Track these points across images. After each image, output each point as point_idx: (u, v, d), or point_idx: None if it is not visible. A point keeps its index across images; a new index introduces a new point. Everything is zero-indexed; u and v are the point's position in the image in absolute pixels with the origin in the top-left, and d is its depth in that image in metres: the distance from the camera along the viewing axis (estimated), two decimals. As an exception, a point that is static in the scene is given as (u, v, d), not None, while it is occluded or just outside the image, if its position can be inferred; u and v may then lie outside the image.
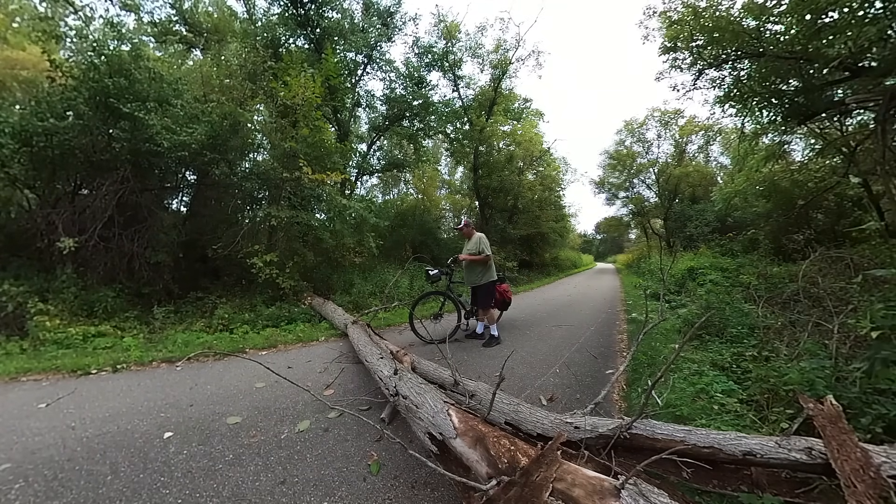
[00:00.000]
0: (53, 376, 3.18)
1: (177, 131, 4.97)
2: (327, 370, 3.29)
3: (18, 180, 4.56)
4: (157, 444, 2.13)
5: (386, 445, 2.07)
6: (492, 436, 1.49)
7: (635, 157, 19.72)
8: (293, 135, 6.23)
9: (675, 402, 2.25)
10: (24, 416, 2.48)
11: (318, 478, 1.83)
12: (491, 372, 3.20)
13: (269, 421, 2.38)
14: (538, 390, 2.85)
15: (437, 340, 3.62)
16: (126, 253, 4.98)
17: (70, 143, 4.68)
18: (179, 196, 6.84)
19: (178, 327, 4.60)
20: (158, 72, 5.39)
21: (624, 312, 6.45)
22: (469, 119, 13.04)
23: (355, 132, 11.27)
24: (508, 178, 13.52)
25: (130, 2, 8.31)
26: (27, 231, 4.68)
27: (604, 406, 2.36)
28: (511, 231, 13.86)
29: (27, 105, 4.84)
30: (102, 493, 1.72)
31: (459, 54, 12.38)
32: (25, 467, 1.94)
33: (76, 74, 4.88)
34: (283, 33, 8.41)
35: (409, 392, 2.04)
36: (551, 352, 3.88)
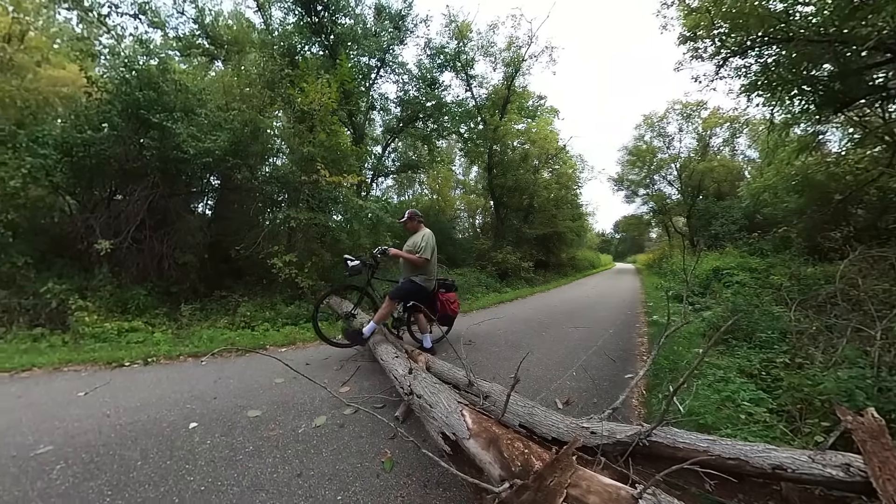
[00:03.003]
0: (91, 367, 3.41)
1: (201, 139, 5.22)
2: (343, 368, 3.35)
3: (61, 188, 4.94)
4: (183, 433, 2.24)
5: (400, 443, 2.09)
6: (505, 438, 1.48)
7: (655, 153, 19.10)
8: (311, 139, 6.42)
9: (698, 410, 2.16)
10: (65, 404, 2.67)
11: (333, 472, 1.87)
12: (506, 373, 3.16)
13: (287, 415, 2.46)
14: (554, 393, 2.80)
15: (349, 343, 3.47)
16: (156, 254, 5.30)
17: (105, 152, 5.03)
18: (205, 200, 7.19)
19: (203, 324, 4.84)
20: (184, 83, 5.69)
21: (644, 314, 6.25)
22: (483, 118, 13.00)
23: (370, 135, 11.49)
24: (523, 177, 13.38)
25: (157, 19, 8.83)
26: (69, 234, 5.07)
27: (622, 411, 2.29)
28: (527, 231, 13.73)
29: (68, 119, 5.25)
30: (133, 477, 1.84)
31: (471, 54, 12.36)
32: (66, 450, 2.10)
33: (110, 89, 5.23)
34: (299, 41, 8.67)
35: (423, 391, 2.05)
36: (568, 354, 3.79)
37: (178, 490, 1.74)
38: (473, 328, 5.00)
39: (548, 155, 14.48)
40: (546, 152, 14.30)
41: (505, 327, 5.20)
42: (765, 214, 11.06)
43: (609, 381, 3.06)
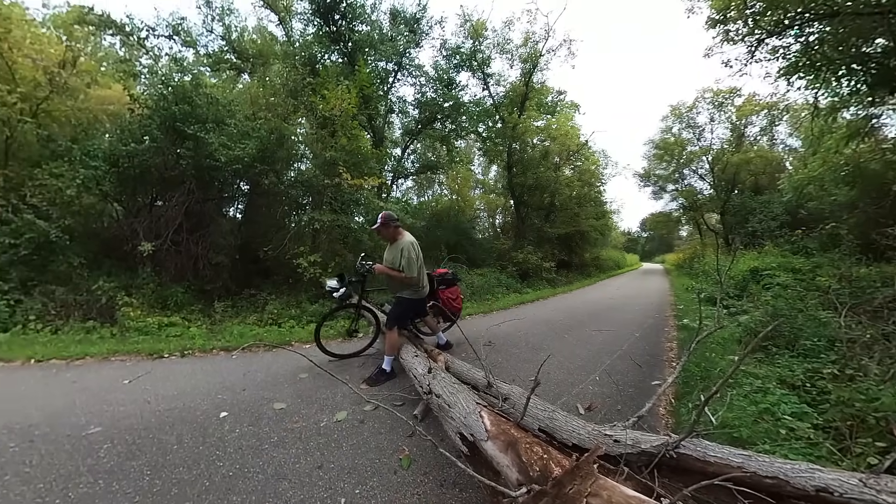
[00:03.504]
0: (135, 358, 3.70)
1: (232, 147, 5.55)
2: (365, 365, 3.40)
3: (109, 195, 5.42)
4: (215, 422, 2.39)
5: (417, 442, 2.11)
6: (524, 441, 1.45)
7: (685, 146, 18.03)
8: (332, 144, 6.65)
9: (732, 422, 2.04)
10: (112, 390, 2.93)
11: (353, 466, 1.92)
12: (526, 376, 3.12)
13: (310, 409, 2.56)
14: (575, 398, 2.72)
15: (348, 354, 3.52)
16: (192, 255, 5.68)
17: (147, 162, 5.45)
18: (235, 204, 7.61)
19: (234, 320, 5.13)
20: (214, 96, 6.07)
21: (673, 318, 5.95)
22: (501, 117, 12.83)
23: (389, 137, 11.67)
24: (544, 175, 13.09)
25: (189, 39, 9.59)
26: (116, 237, 5.55)
27: (648, 420, 2.20)
28: (548, 230, 13.42)
29: (114, 133, 5.76)
30: (169, 460, 2.00)
31: (487, 52, 12.25)
32: (112, 431, 2.30)
33: (150, 105, 5.67)
34: (319, 50, 9.01)
35: (442, 391, 2.05)
36: (591, 358, 3.68)
37: (208, 474, 1.86)
38: (493, 329, 4.97)
39: (569, 151, 14.09)
40: (567, 149, 13.93)
41: (525, 329, 5.12)
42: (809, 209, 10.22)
43: (634, 387, 2.94)
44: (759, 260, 7.60)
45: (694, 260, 15.48)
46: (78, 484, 1.81)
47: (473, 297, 8.09)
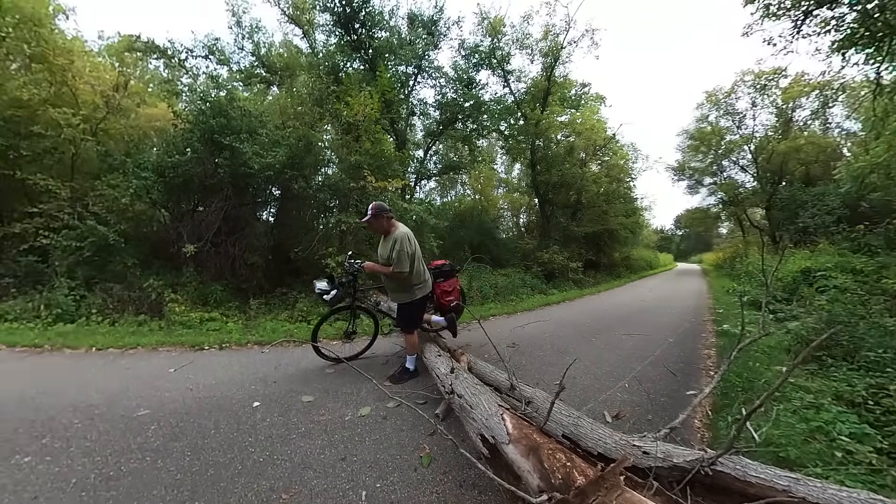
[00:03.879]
0: (179, 349, 4.02)
1: (264, 155, 5.87)
2: (389, 362, 3.46)
3: (157, 203, 5.95)
4: (248, 410, 2.55)
5: (438, 441, 2.12)
6: (547, 447, 1.43)
7: (723, 134, 16.65)
8: (357, 148, 6.86)
9: (778, 441, 1.88)
10: (159, 377, 3.21)
11: (374, 460, 1.97)
12: (550, 380, 3.06)
13: (335, 403, 2.65)
14: (602, 405, 2.62)
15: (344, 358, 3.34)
16: (230, 256, 6.08)
17: (189, 172, 5.91)
18: (268, 208, 8.03)
19: (267, 316, 5.43)
20: (247, 109, 6.46)
21: (712, 323, 5.54)
22: (523, 113, 12.57)
23: (412, 139, 11.81)
24: (569, 172, 12.64)
25: (223, 57, 10.41)
26: (163, 240, 6.07)
27: (681, 432, 2.09)
28: (575, 229, 12.93)
29: (160, 147, 6.28)
30: (207, 443, 2.16)
31: (507, 48, 12.05)
32: (159, 414, 2.52)
33: (191, 119, 6.12)
34: (341, 59, 9.34)
35: (464, 391, 2.05)
36: (620, 363, 3.52)
37: (241, 458, 1.99)
38: (517, 331, 4.89)
39: (595, 146, 13.50)
40: (593, 143, 13.35)
41: (551, 331, 4.94)
42: (872, 201, 9.22)
43: (667, 396, 2.78)
44: (811, 259, 6.95)
45: (735, 259, 14.16)
46: (129, 459, 2.01)
47: (497, 297, 7.98)
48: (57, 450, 2.10)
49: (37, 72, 6.22)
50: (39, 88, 6.07)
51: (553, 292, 9.55)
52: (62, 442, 2.18)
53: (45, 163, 6.17)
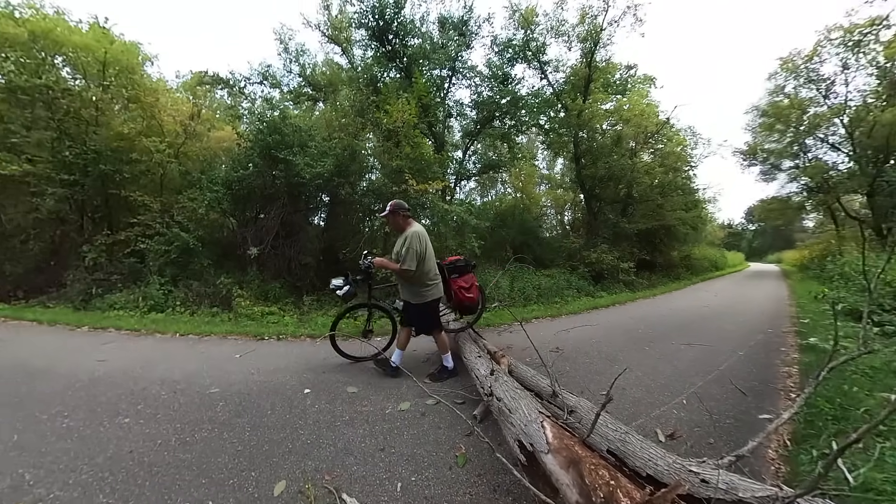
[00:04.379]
0: (244, 338, 4.49)
1: (314, 165, 6.36)
2: (429, 360, 3.53)
3: (227, 212, 6.75)
4: (300, 396, 2.77)
5: (474, 442, 2.11)
6: (589, 462, 1.35)
7: (805, 108, 13.77)
8: (398, 154, 7.15)
9: (880, 486, 1.57)
10: (227, 361, 3.63)
11: (411, 454, 2.02)
12: (596, 389, 2.88)
13: (378, 396, 2.76)
14: (655, 422, 2.41)
15: (365, 357, 3.37)
16: (286, 257, 6.71)
17: (251, 184, 6.62)
18: (319, 214, 8.67)
19: (318, 312, 5.88)
20: (298, 125, 7.05)
21: (794, 335, 4.73)
22: (563, 105, 11.89)
23: (450, 141, 11.90)
24: (618, 164, 11.66)
25: (275, 81, 11.77)
26: (231, 243, 6.87)
27: (751, 462, 1.85)
28: (625, 225, 11.81)
29: (228, 164, 7.15)
30: (264, 421, 2.40)
31: (541, 39, 11.46)
32: (226, 393, 2.85)
33: (251, 138, 6.85)
34: (378, 70, 9.76)
35: (503, 395, 2.01)
36: (677, 377, 3.22)
37: (292, 439, 2.18)
38: (562, 335, 4.67)
39: (646, 133, 12.25)
40: (644, 130, 12.12)
41: (599, 337, 4.63)
42: None
43: (734, 418, 2.46)
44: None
45: (826, 259, 11.65)
46: (201, 429, 2.30)
47: (540, 299, 7.65)
48: (148, 415, 2.49)
49: (133, 110, 7.54)
50: (135, 123, 7.30)
51: (601, 295, 8.88)
52: (152, 409, 2.57)
53: (141, 182, 7.41)
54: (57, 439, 2.19)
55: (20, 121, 6.72)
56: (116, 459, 1.99)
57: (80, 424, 2.36)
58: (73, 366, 3.40)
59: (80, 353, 3.79)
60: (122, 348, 4.02)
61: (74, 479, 1.83)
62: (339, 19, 10.66)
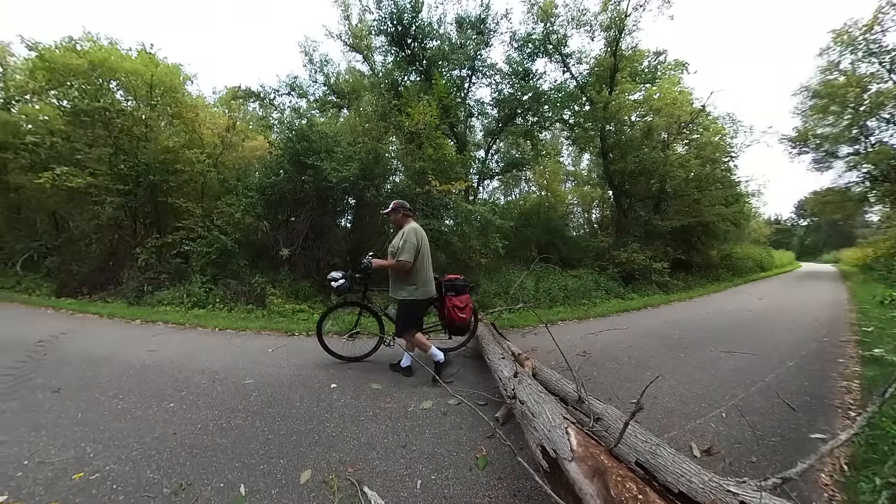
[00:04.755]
0: (276, 333, 4.73)
1: (340, 170, 6.59)
2: (452, 361, 3.53)
3: (260, 216, 7.14)
4: (326, 391, 2.88)
5: (496, 445, 2.10)
6: (616, 473, 1.29)
7: (865, 85, 12.30)
8: (420, 155, 7.25)
9: None
10: (261, 354, 3.84)
11: (432, 453, 2.04)
12: (625, 397, 2.77)
13: (401, 393, 2.81)
14: (690, 435, 2.27)
15: (351, 357, 3.39)
16: (315, 258, 7.00)
17: (283, 189, 6.95)
18: (345, 216, 8.97)
19: (346, 311, 6.01)
20: (324, 132, 7.33)
21: (855, 345, 4.26)
22: (588, 98, 11.47)
23: (472, 141, 11.89)
24: (649, 157, 10.96)
25: (302, 91, 12.53)
26: (265, 245, 7.26)
27: (799, 487, 1.71)
28: (658, 223, 11.11)
29: (261, 171, 7.61)
30: (292, 413, 2.52)
31: (562, 30, 11.07)
32: (259, 384, 3.02)
33: (281, 146, 7.21)
34: (399, 74, 9.92)
35: (526, 398, 1.97)
36: (716, 387, 3.01)
37: (318, 430, 2.28)
38: (589, 338, 4.51)
39: (679, 123, 11.43)
40: (677, 120, 11.30)
41: (629, 341, 4.43)
42: None
43: (781, 436, 2.26)
44: None
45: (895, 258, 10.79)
46: (236, 416, 2.46)
47: (567, 300, 7.39)
48: (190, 401, 2.69)
49: (176, 125, 8.27)
50: (179, 137, 7.98)
51: (632, 297, 8.43)
52: (194, 396, 2.78)
53: (185, 190, 8.04)
54: (113, 419, 2.43)
55: (83, 139, 7.62)
56: (162, 439, 2.17)
57: (133, 407, 2.60)
58: (127, 355, 3.74)
59: (133, 344, 4.17)
60: (168, 340, 4.36)
61: (126, 455, 2.02)
62: (359, 28, 11.03)
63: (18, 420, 2.40)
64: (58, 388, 2.89)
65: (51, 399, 2.72)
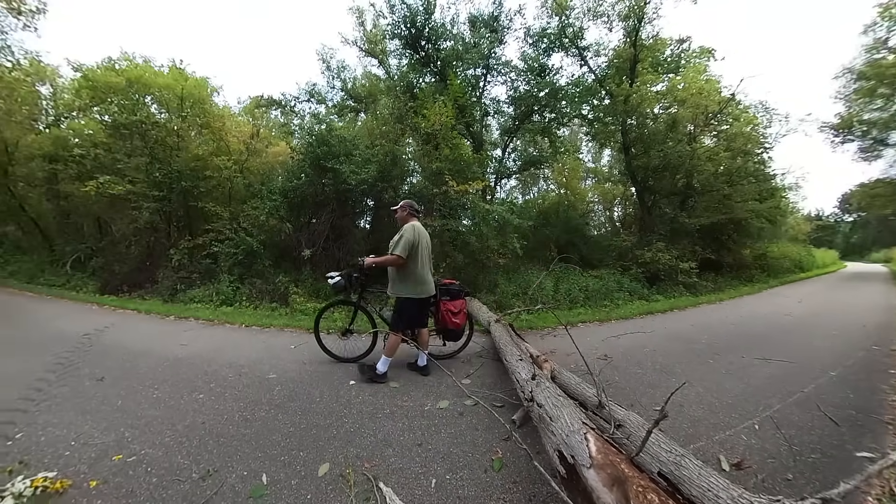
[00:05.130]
0: (299, 331, 4.88)
1: (358, 172, 6.74)
2: (469, 362, 3.56)
3: (283, 218, 7.41)
4: (346, 387, 2.96)
5: (512, 448, 2.08)
6: (637, 483, 1.24)
7: None
8: (437, 156, 7.28)
9: None
10: (284, 351, 3.99)
11: (447, 453, 2.05)
12: (648, 403, 2.67)
13: (418, 392, 2.85)
14: (719, 446, 2.15)
15: (349, 358, 3.40)
16: (336, 258, 7.19)
17: (304, 192, 7.20)
18: (364, 217, 9.15)
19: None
20: (343, 136, 7.52)
21: None
22: (607, 91, 11.03)
23: (488, 140, 11.81)
24: (674, 151, 10.40)
25: (320, 97, 12.73)
26: (288, 246, 7.53)
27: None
28: (685, 220, 10.50)
29: (283, 176, 7.94)
30: (313, 408, 2.60)
31: (578, 23, 10.69)
32: (281, 379, 3.13)
33: (302, 151, 7.47)
34: (414, 77, 9.99)
35: (544, 401, 1.94)
36: (749, 397, 2.83)
37: (337, 426, 2.34)
38: (611, 341, 4.38)
39: (707, 114, 10.80)
40: (703, 111, 10.68)
41: (653, 345, 4.25)
42: None
43: (821, 453, 2.09)
44: None
45: None
46: (260, 409, 2.57)
47: (588, 302, 7.18)
48: (217, 393, 2.83)
49: (205, 135, 8.81)
50: (208, 146, 8.51)
51: (657, 298, 8.06)
52: (221, 388, 2.93)
53: (214, 195, 8.47)
54: (149, 407, 2.60)
55: (123, 150, 8.22)
56: (192, 428, 2.30)
57: (166, 396, 2.78)
58: (162, 348, 3.99)
59: (167, 338, 4.43)
60: (199, 335, 4.61)
61: (160, 441, 2.16)
62: (374, 33, 11.25)
63: (68, 405, 2.62)
64: (101, 377, 3.13)
65: (95, 387, 2.95)
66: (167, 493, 1.73)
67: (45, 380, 3.05)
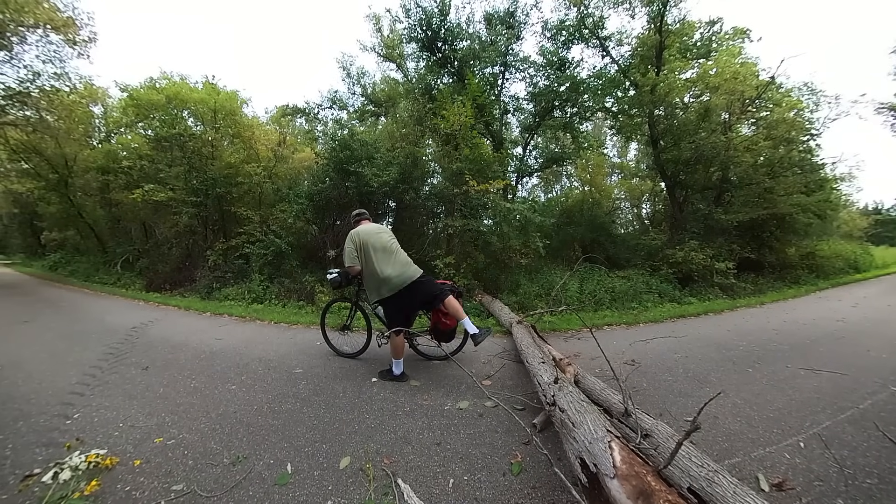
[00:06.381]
0: (323, 329, 5.05)
1: (380, 175, 6.89)
2: (490, 363, 3.52)
3: (310, 220, 7.73)
4: (367, 384, 3.02)
5: (531, 452, 2.03)
6: (664, 497, 1.18)
7: None
8: (457, 156, 7.30)
9: None
10: (310, 347, 4.13)
11: (466, 453, 2.03)
12: (679, 413, 2.51)
13: (438, 391, 2.85)
14: (757, 464, 1.96)
15: (344, 353, 3.46)
16: (359, 259, 7.39)
17: (328, 195, 7.45)
18: (386, 218, 9.32)
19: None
20: (364, 140, 7.75)
21: None
22: (632, 82, 10.41)
23: (508, 138, 11.62)
24: (707, 142, 9.57)
25: (342, 104, 13.50)
26: (313, 247, 7.83)
27: None
28: (721, 217, 9.57)
29: (309, 180, 8.30)
30: (336, 402, 2.67)
31: (597, 12, 10.13)
32: (307, 374, 3.24)
33: (326, 156, 7.76)
34: (432, 78, 9.95)
35: (567, 406, 1.88)
36: (793, 411, 2.57)
37: (358, 421, 2.40)
38: (639, 346, 4.14)
39: (743, 100, 9.84)
40: (739, 97, 9.73)
41: (685, 351, 4.00)
42: None
43: (879, 478, 1.86)
44: None
45: None
46: (286, 401, 2.68)
47: (614, 304, 6.84)
48: (248, 385, 2.98)
49: (236, 144, 9.45)
50: (239, 154, 9.11)
51: (690, 301, 7.48)
52: (251, 381, 3.08)
53: (245, 200, 9.01)
54: (187, 395, 2.79)
55: (164, 161, 8.97)
56: (225, 416, 2.44)
57: (202, 386, 2.96)
58: (199, 342, 4.27)
59: (204, 333, 4.72)
60: (232, 331, 4.87)
61: (195, 427, 2.30)
62: (391, 38, 11.45)
63: (117, 391, 2.87)
64: (146, 367, 3.40)
65: (141, 375, 3.20)
66: (201, 475, 1.84)
67: (99, 367, 3.36)
